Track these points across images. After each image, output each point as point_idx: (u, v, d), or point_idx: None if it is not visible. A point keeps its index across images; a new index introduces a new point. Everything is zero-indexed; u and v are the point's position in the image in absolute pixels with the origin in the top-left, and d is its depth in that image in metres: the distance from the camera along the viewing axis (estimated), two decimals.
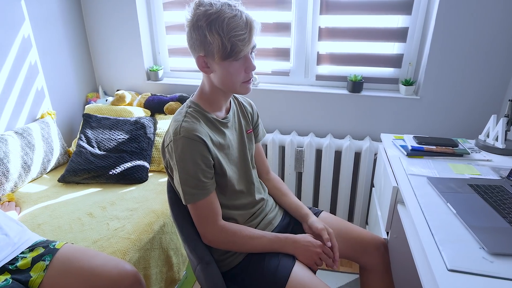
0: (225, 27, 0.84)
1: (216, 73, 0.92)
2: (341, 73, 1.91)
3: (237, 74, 0.92)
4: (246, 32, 0.86)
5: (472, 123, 1.74)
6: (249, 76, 0.94)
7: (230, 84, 0.94)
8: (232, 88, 0.96)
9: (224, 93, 1.00)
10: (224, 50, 0.86)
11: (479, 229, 0.83)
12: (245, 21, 0.86)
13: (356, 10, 1.75)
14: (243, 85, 0.95)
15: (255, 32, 0.89)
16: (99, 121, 1.84)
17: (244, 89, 0.96)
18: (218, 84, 0.95)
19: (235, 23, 0.84)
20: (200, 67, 0.93)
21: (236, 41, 0.85)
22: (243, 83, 0.94)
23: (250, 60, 0.92)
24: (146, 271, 1.29)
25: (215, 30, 0.85)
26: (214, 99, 1.00)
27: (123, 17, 2.02)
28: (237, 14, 0.85)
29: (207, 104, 1.00)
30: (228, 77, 0.92)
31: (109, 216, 1.40)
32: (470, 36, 1.59)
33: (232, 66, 0.90)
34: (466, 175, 1.13)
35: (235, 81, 0.93)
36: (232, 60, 0.88)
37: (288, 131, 2.00)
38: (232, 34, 0.84)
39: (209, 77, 0.96)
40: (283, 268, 0.97)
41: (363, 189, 1.86)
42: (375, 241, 1.14)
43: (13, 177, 1.55)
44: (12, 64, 1.69)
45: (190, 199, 0.93)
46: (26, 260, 1.04)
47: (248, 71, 0.93)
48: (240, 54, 0.88)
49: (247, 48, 0.89)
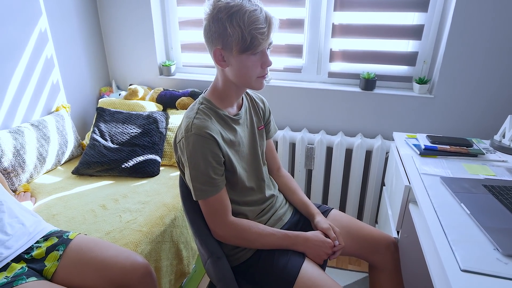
0: (246, 19, 0.85)
1: (232, 67, 0.93)
2: (354, 71, 1.89)
3: (253, 68, 0.92)
4: (266, 27, 0.88)
5: (487, 123, 1.70)
6: (264, 71, 0.95)
7: (245, 78, 0.94)
8: (247, 82, 0.96)
9: (237, 89, 1.00)
10: (244, 42, 0.87)
11: (494, 230, 0.81)
12: (265, 16, 0.88)
13: (371, 7, 1.73)
14: (258, 80, 0.95)
15: (273, 28, 0.91)
16: (112, 115, 1.87)
17: (258, 84, 0.96)
18: (233, 78, 0.95)
19: (255, 17, 0.86)
20: (217, 60, 0.93)
21: (256, 34, 0.86)
22: (258, 77, 0.95)
23: (267, 55, 0.93)
24: (157, 264, 1.31)
25: (236, 22, 0.85)
26: (227, 95, 1.00)
27: (137, 13, 2.03)
28: (257, 9, 0.87)
29: (219, 101, 1.00)
30: (244, 71, 0.92)
31: (121, 208, 1.42)
32: (487, 34, 1.56)
33: (249, 60, 0.90)
34: (480, 176, 1.12)
35: (251, 75, 0.93)
36: (250, 53, 0.89)
37: (299, 128, 2.00)
38: (253, 27, 0.85)
39: (223, 71, 0.96)
40: (293, 264, 0.97)
41: (373, 188, 1.85)
42: (385, 240, 1.14)
43: (29, 168, 1.59)
44: (29, 57, 1.72)
45: (201, 195, 0.94)
46: (41, 249, 1.07)
47: (264, 66, 0.94)
48: (258, 48, 0.89)
49: (266, 42, 0.90)
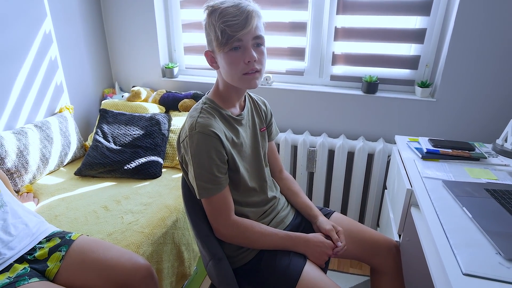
0: (217, 16, 0.87)
1: (220, 67, 0.95)
2: (356, 74, 1.90)
3: (236, 64, 0.90)
4: (239, 19, 0.86)
5: (489, 127, 1.70)
6: (249, 67, 0.91)
7: (231, 76, 0.93)
8: (233, 80, 0.94)
9: (235, 89, 1.00)
10: (217, 38, 0.88)
11: (496, 234, 0.81)
12: (242, 10, 0.86)
13: (374, 11, 1.74)
14: (244, 78, 0.92)
15: (253, 21, 0.87)
16: (115, 116, 1.88)
17: (245, 82, 0.93)
18: (225, 78, 0.96)
19: (227, 12, 0.87)
20: (209, 61, 0.97)
21: (225, 27, 0.86)
22: (243, 75, 0.92)
23: (249, 50, 0.89)
24: (158, 265, 1.31)
25: (210, 22, 0.90)
26: (228, 95, 1.01)
27: (141, 15, 2.05)
28: (236, 5, 0.87)
29: (222, 101, 1.01)
30: (227, 68, 0.92)
31: (123, 210, 1.43)
32: (489, 38, 1.56)
33: (230, 56, 0.90)
34: (482, 180, 1.12)
35: (234, 72, 0.92)
36: (228, 49, 0.89)
37: (301, 131, 2.00)
38: (222, 20, 0.86)
39: (219, 72, 0.98)
40: (295, 266, 0.97)
41: (375, 191, 1.85)
42: (387, 244, 1.14)
43: (32, 169, 1.60)
44: (34, 59, 1.74)
45: (204, 193, 0.94)
46: (43, 250, 1.07)
47: (246, 61, 0.89)
48: (232, 41, 0.87)
49: (239, 34, 0.86)
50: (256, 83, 0.94)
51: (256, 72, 0.93)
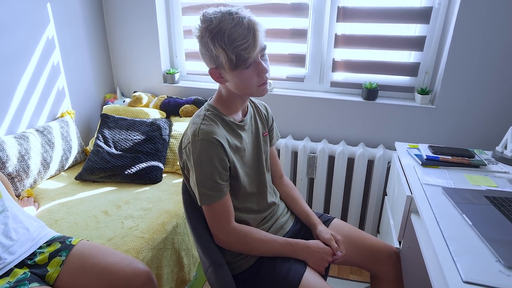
0: (226, 39, 0.84)
1: (230, 82, 0.94)
2: (356, 80, 1.91)
3: (250, 80, 0.92)
4: (249, 39, 0.85)
5: (489, 134, 1.71)
6: (263, 79, 0.94)
7: (245, 90, 0.95)
8: (248, 93, 0.97)
9: (241, 97, 1.01)
10: (231, 61, 0.87)
11: (496, 241, 0.82)
12: (247, 28, 0.85)
13: (373, 18, 1.76)
14: (259, 88, 0.95)
15: (259, 36, 0.88)
16: (116, 121, 1.89)
17: (260, 92, 0.96)
18: (235, 90, 0.97)
19: (236, 34, 0.84)
20: (215, 78, 0.94)
21: (240, 52, 0.85)
22: (258, 86, 0.95)
23: (260, 64, 0.91)
24: (158, 271, 1.31)
25: (218, 44, 0.85)
26: (232, 103, 1.02)
27: (142, 21, 2.07)
28: (238, 22, 0.84)
29: (225, 108, 1.02)
30: (242, 84, 0.93)
31: (123, 215, 1.43)
32: (488, 45, 1.57)
33: (243, 74, 0.90)
34: (482, 187, 1.12)
35: (250, 86, 0.94)
36: (241, 68, 0.89)
37: (301, 137, 2.01)
38: (235, 45, 0.84)
39: (224, 84, 0.98)
40: (294, 273, 0.97)
41: (375, 197, 1.85)
42: (387, 250, 1.14)
43: (33, 174, 1.60)
44: (36, 64, 1.75)
45: (206, 200, 0.94)
46: (43, 255, 1.07)
47: (260, 75, 0.93)
48: (247, 62, 0.88)
49: (253, 54, 0.88)
50: (267, 91, 0.98)
51: (266, 80, 0.96)
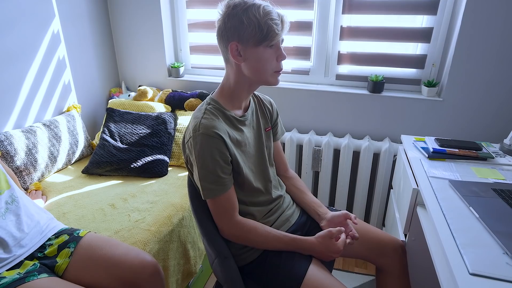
0: (261, 11, 0.90)
1: (248, 61, 0.94)
2: (362, 73, 1.89)
3: (269, 61, 0.95)
4: (279, 20, 0.92)
5: (497, 127, 1.69)
6: (279, 66, 0.98)
7: (262, 72, 0.96)
8: (264, 77, 0.97)
9: (249, 86, 1.01)
10: (261, 32, 0.90)
11: (503, 234, 0.81)
12: (277, 12, 0.93)
13: (380, 10, 1.73)
14: (274, 75, 0.98)
15: (285, 25, 0.94)
16: (122, 115, 1.89)
17: (274, 79, 0.99)
18: (250, 73, 0.96)
19: (270, 10, 0.91)
20: (233, 55, 0.93)
21: (272, 24, 0.90)
22: (274, 72, 0.98)
23: (281, 49, 0.96)
24: (164, 263, 1.32)
25: (252, 14, 0.89)
26: (236, 94, 1.01)
27: (147, 15, 2.06)
28: (269, 5, 0.93)
29: (227, 102, 1.01)
30: (261, 64, 0.95)
31: (130, 207, 1.44)
32: (496, 37, 1.55)
33: (265, 52, 0.93)
34: (490, 179, 1.11)
35: (267, 69, 0.96)
36: (266, 45, 0.92)
37: (307, 130, 2.00)
38: (269, 17, 0.90)
39: (238, 67, 0.96)
40: (299, 266, 0.98)
41: (380, 190, 1.84)
42: (393, 243, 1.14)
43: (41, 167, 1.62)
44: (42, 58, 1.76)
45: (209, 194, 0.95)
46: (53, 247, 1.09)
47: (279, 59, 0.97)
48: (274, 39, 0.92)
49: (280, 34, 0.93)
50: (279, 80, 1.02)
51: (281, 69, 1.00)
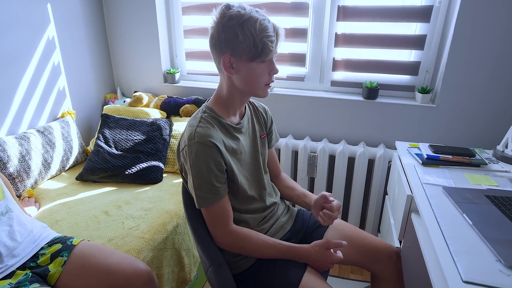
0: (257, 27, 0.88)
1: (240, 74, 0.93)
2: (357, 80, 1.90)
3: (262, 75, 0.95)
4: (275, 37, 0.91)
5: (490, 133, 1.71)
6: (271, 79, 0.98)
7: (253, 85, 0.96)
8: (254, 89, 0.97)
9: (241, 96, 1.00)
10: (255, 49, 0.89)
11: (496, 241, 0.81)
12: (273, 26, 0.92)
13: (374, 17, 1.75)
14: (264, 88, 0.98)
15: (280, 38, 0.94)
16: (117, 121, 1.89)
17: (264, 92, 0.99)
18: (240, 86, 0.96)
19: (266, 25, 0.90)
20: (225, 67, 0.93)
21: (267, 42, 0.89)
22: (264, 85, 0.98)
23: (274, 63, 0.96)
24: (159, 271, 1.31)
25: (247, 29, 0.88)
26: (230, 103, 1.01)
27: (143, 21, 2.07)
28: (265, 19, 0.91)
29: (222, 110, 1.01)
30: (253, 78, 0.94)
31: (124, 215, 1.43)
32: (489, 44, 1.57)
33: (258, 67, 0.93)
34: (483, 186, 1.12)
35: (259, 82, 0.96)
36: (259, 61, 0.92)
37: (302, 136, 2.01)
38: (264, 34, 0.88)
39: (230, 78, 0.96)
40: (294, 274, 0.97)
41: (376, 197, 1.85)
42: (388, 250, 1.13)
43: (34, 174, 1.60)
44: (37, 64, 1.75)
45: (203, 203, 0.94)
46: (45, 256, 1.08)
47: (271, 74, 0.97)
48: (268, 55, 0.92)
49: (275, 50, 0.93)
50: (269, 92, 1.02)
51: (272, 82, 1.00)
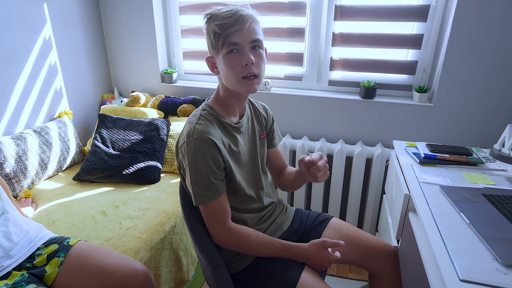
0: (211, 20, 0.90)
1: (220, 70, 0.96)
2: (354, 79, 1.90)
3: (233, 67, 0.90)
4: (230, 20, 0.88)
5: (487, 132, 1.71)
6: (246, 70, 0.91)
7: (230, 80, 0.93)
8: (233, 84, 0.94)
9: (236, 95, 1.00)
10: (213, 40, 0.91)
11: (493, 240, 0.82)
12: (235, 13, 0.88)
13: (371, 17, 1.75)
14: (243, 82, 0.92)
15: (247, 22, 0.88)
16: (114, 121, 1.88)
17: (244, 87, 0.93)
18: (225, 83, 0.97)
19: (221, 15, 0.89)
20: (210, 68, 0.99)
21: (216, 29, 0.89)
22: (243, 79, 0.92)
23: (246, 53, 0.90)
24: (156, 271, 1.30)
25: (208, 27, 0.92)
26: (228, 102, 1.01)
27: (140, 21, 2.06)
28: (230, 9, 0.89)
29: (222, 109, 1.01)
30: (226, 71, 0.93)
31: (121, 215, 1.43)
32: (486, 43, 1.57)
33: (227, 59, 0.91)
34: (480, 185, 1.12)
35: (233, 75, 0.92)
36: (225, 52, 0.90)
37: (300, 136, 2.01)
38: (215, 23, 0.89)
39: (219, 78, 0.99)
40: (292, 273, 0.97)
41: (373, 196, 1.85)
42: (385, 249, 1.14)
43: (31, 174, 1.60)
44: (34, 64, 1.74)
45: (201, 200, 0.94)
46: (42, 257, 1.07)
47: (243, 63, 0.90)
48: (228, 44, 0.89)
49: (230, 31, 0.88)
50: (255, 88, 0.94)
51: (254, 77, 0.93)
